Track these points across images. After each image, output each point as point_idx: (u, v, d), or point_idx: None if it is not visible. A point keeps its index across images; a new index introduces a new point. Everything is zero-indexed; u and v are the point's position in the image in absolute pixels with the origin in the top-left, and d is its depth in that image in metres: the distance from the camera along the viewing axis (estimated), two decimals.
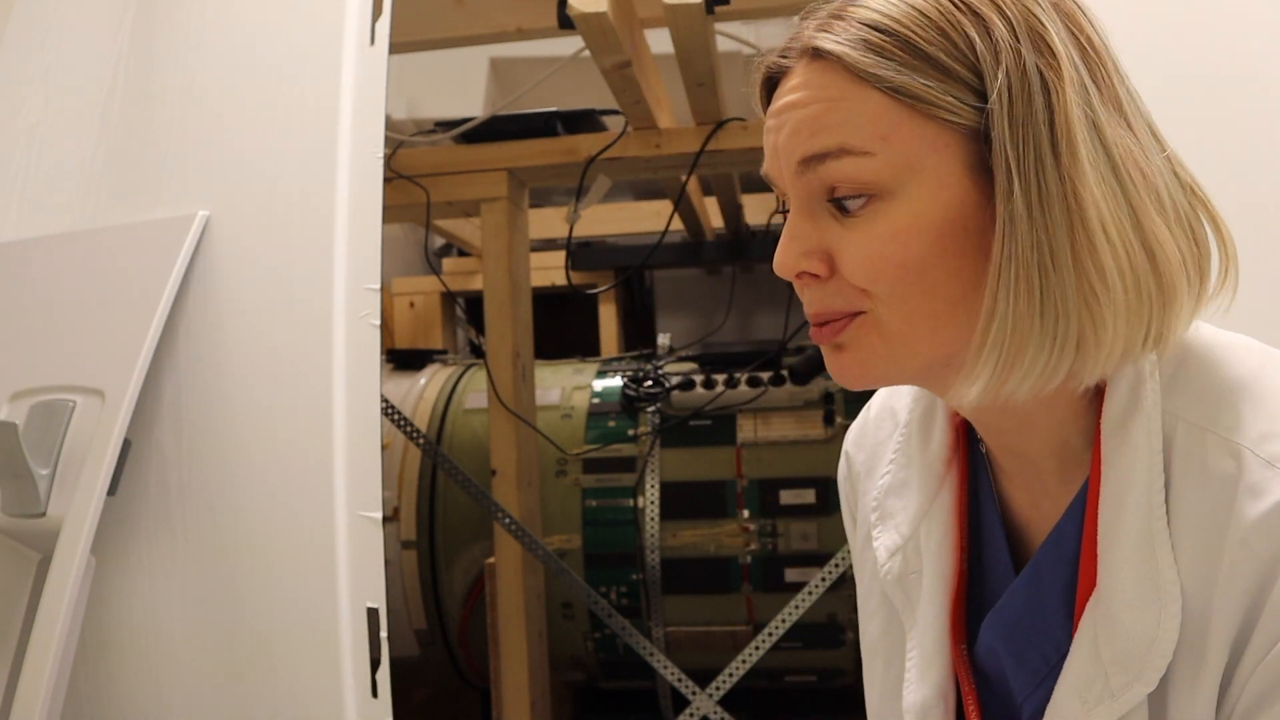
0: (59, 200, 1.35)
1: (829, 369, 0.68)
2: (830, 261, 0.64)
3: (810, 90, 0.63)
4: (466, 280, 3.26)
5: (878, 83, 0.61)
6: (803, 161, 0.63)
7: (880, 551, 0.80)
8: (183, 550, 1.20)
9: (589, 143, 2.03)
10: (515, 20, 1.90)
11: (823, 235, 0.64)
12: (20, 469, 1.14)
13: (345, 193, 1.21)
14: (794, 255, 0.64)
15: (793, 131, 0.64)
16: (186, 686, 1.19)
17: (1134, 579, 0.62)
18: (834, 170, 0.62)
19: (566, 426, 2.41)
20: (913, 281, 0.62)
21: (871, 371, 0.66)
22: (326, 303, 1.19)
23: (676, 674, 2.10)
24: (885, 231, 0.62)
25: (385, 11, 1.26)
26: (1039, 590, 0.70)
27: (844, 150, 0.62)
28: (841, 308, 0.64)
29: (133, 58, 1.37)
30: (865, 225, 0.62)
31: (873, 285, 0.62)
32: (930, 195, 0.61)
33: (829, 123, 0.62)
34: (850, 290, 0.63)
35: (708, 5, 1.58)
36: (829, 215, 0.64)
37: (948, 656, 0.76)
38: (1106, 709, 0.62)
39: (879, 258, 0.62)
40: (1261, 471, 0.58)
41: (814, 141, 0.63)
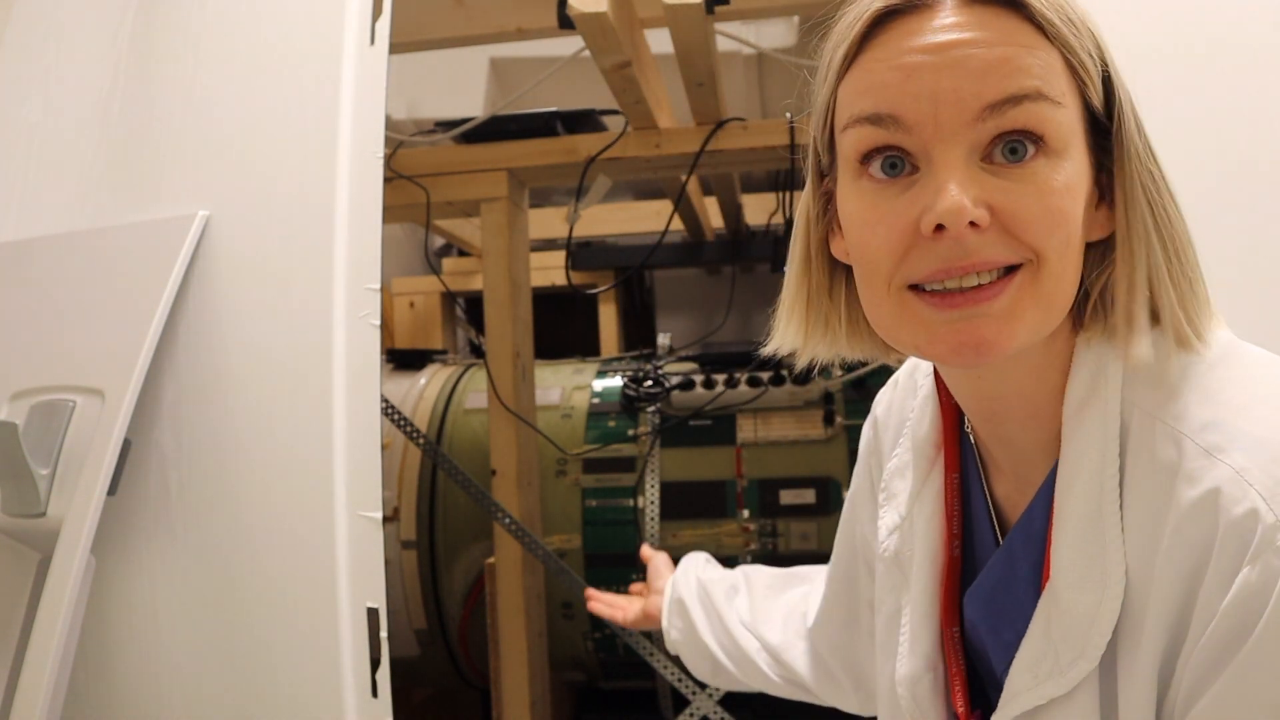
0: (59, 200, 1.35)
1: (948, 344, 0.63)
2: (991, 213, 0.61)
3: (989, 32, 0.61)
4: (466, 280, 3.26)
5: (1059, 41, 0.62)
6: (997, 103, 0.60)
7: (881, 530, 0.83)
8: (183, 550, 1.20)
9: (589, 143, 2.03)
10: (515, 20, 1.89)
11: (982, 187, 0.61)
12: (20, 469, 1.14)
13: (345, 193, 1.21)
14: (970, 199, 0.60)
15: (981, 71, 0.60)
16: (186, 686, 1.19)
17: (1081, 560, 0.64)
18: (1028, 114, 0.60)
19: (566, 426, 2.41)
20: (1072, 241, 0.62)
21: (1014, 340, 0.62)
22: (326, 303, 1.19)
23: (676, 674, 2.10)
24: (1060, 186, 0.61)
25: (385, 11, 1.26)
26: (1011, 568, 0.72)
27: (1042, 95, 0.60)
28: (1005, 258, 0.61)
29: (133, 58, 1.37)
30: (1039, 179, 0.61)
31: (1046, 239, 0.61)
32: (1079, 162, 0.63)
33: (1025, 65, 0.60)
34: (1014, 243, 0.61)
35: (708, 5, 1.58)
36: (979, 169, 0.61)
37: (936, 631, 0.78)
38: (1054, 684, 0.64)
39: (1058, 210, 0.61)
40: (1198, 459, 0.60)
41: (1013, 82, 0.60)
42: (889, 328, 0.67)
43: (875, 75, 0.63)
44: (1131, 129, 0.64)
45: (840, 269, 0.74)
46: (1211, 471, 0.59)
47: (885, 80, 0.62)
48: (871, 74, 0.63)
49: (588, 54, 1.74)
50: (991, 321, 0.61)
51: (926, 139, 0.61)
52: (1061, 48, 0.62)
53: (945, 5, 0.62)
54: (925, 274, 0.62)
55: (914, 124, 0.61)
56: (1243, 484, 0.57)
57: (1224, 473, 0.58)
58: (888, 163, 0.63)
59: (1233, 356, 0.65)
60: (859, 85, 0.64)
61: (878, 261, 0.64)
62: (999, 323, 0.61)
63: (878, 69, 0.63)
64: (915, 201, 0.62)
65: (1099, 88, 0.64)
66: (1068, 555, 0.64)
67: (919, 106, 0.61)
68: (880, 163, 0.63)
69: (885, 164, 0.63)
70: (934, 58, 0.60)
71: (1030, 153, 0.61)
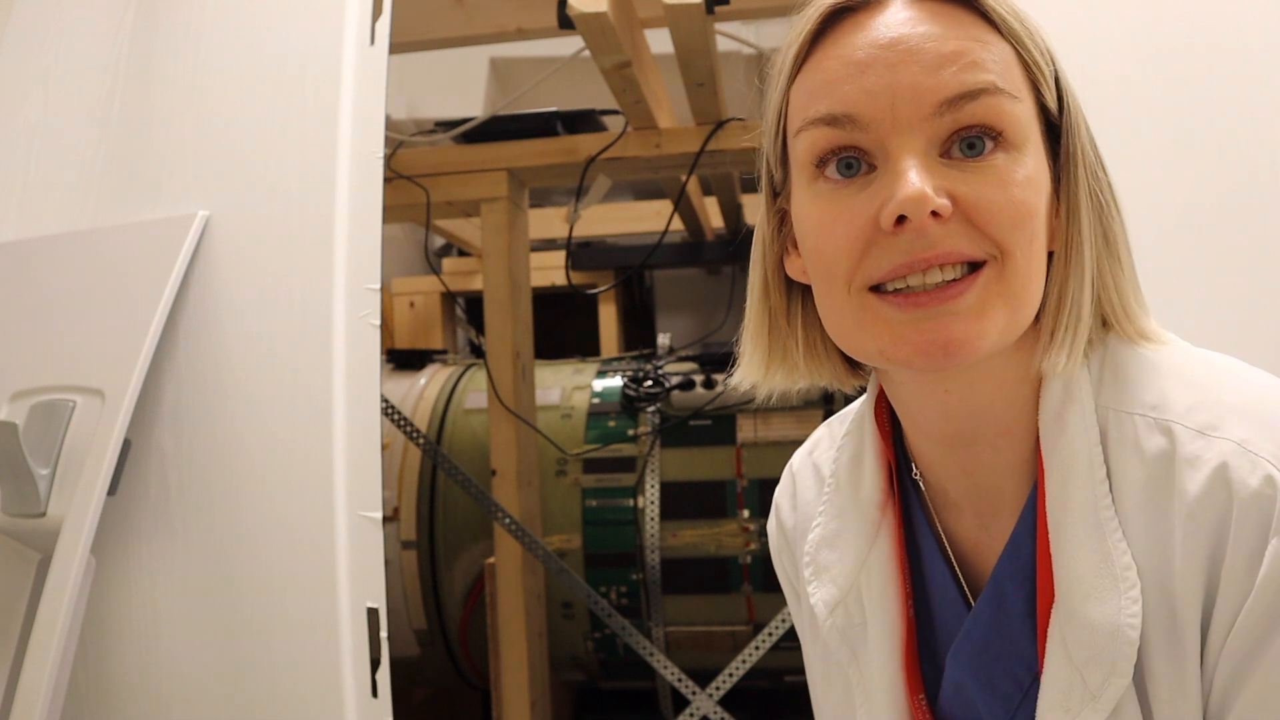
0: (59, 200, 1.35)
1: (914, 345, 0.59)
2: (953, 203, 0.58)
3: (943, 26, 0.59)
4: (466, 280, 3.26)
5: (1013, 37, 0.61)
6: (954, 97, 0.58)
7: (819, 607, 0.76)
8: (183, 550, 1.20)
9: (589, 143, 2.03)
10: (515, 20, 1.90)
11: (942, 177, 0.58)
12: (20, 469, 1.14)
13: (345, 193, 1.21)
14: (932, 189, 0.57)
15: (935, 65, 0.58)
16: (186, 686, 1.19)
17: (1089, 570, 0.61)
18: (985, 109, 0.58)
19: (566, 426, 2.41)
20: (1037, 237, 0.60)
21: (985, 340, 0.59)
22: (326, 303, 1.19)
23: (676, 674, 2.10)
24: (1022, 179, 0.59)
25: (385, 11, 1.26)
26: (1002, 609, 0.67)
27: (998, 89, 0.59)
28: (969, 251, 0.58)
29: (133, 58, 1.37)
30: (1000, 172, 0.59)
31: (1011, 232, 0.58)
32: (1040, 157, 0.61)
33: (980, 59, 0.59)
34: (978, 236, 0.59)
35: (708, 5, 1.58)
36: (937, 162, 0.59)
37: (903, 709, 0.72)
38: (1091, 711, 0.60)
39: (1022, 202, 0.59)
40: (1194, 442, 0.58)
41: (970, 75, 0.58)
42: (850, 334, 0.63)
43: (828, 73, 0.61)
44: (1081, 131, 0.63)
45: (797, 291, 0.71)
46: (1212, 449, 0.57)
47: (839, 77, 0.60)
48: (824, 72, 0.61)
49: (588, 54, 1.74)
50: (959, 320, 0.58)
51: (884, 135, 0.59)
52: (1015, 43, 0.61)
53: (896, 1, 0.61)
54: (887, 271, 0.59)
55: (870, 121, 0.59)
56: (1249, 455, 0.56)
57: (1226, 448, 0.57)
58: (844, 163, 0.60)
59: (1178, 347, 0.65)
60: (811, 86, 0.62)
61: (836, 263, 0.61)
62: (967, 321, 0.58)
63: (830, 66, 0.61)
64: (874, 197, 0.59)
65: (1052, 87, 0.63)
66: (1075, 570, 0.61)
67: (875, 102, 0.59)
68: (836, 164, 0.61)
69: (841, 164, 0.60)
70: (888, 52, 0.59)
71: (989, 147, 0.59)
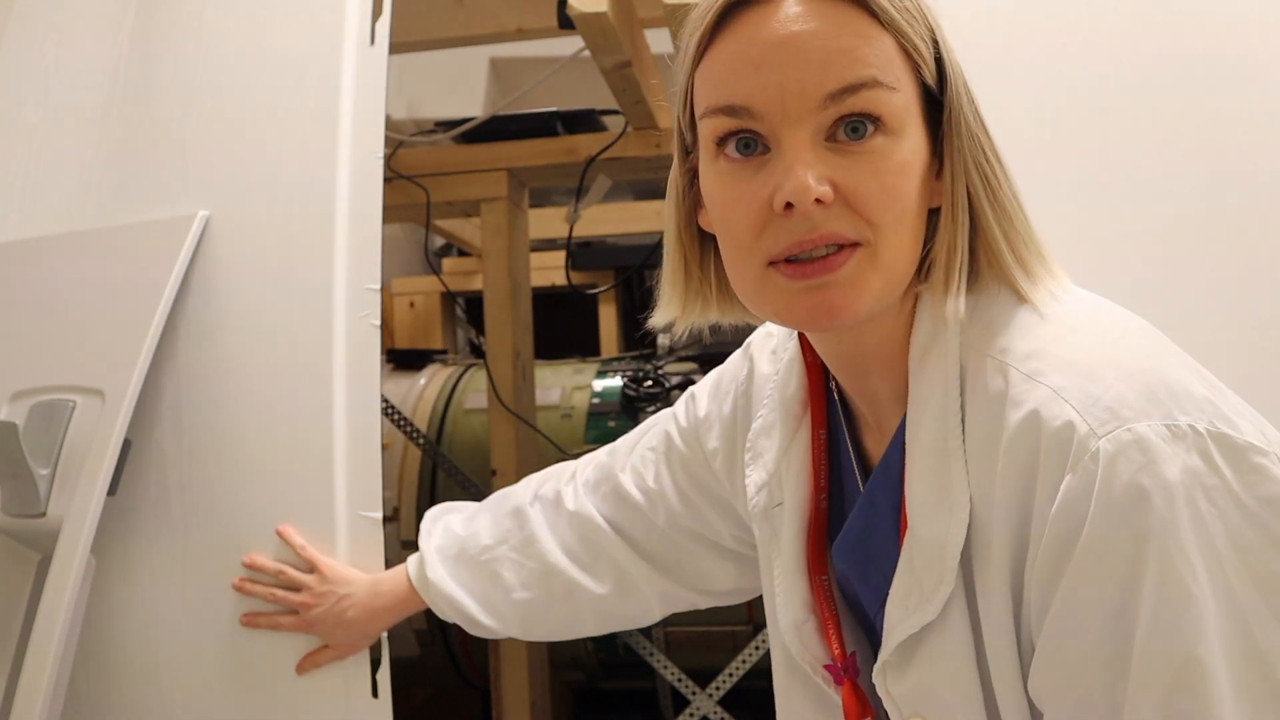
0: (59, 200, 1.35)
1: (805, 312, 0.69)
2: (834, 189, 0.66)
3: (825, 23, 0.66)
4: (466, 280, 3.26)
5: (893, 28, 0.67)
6: (837, 92, 0.66)
7: (750, 487, 0.89)
8: (183, 550, 1.20)
9: (589, 143, 2.03)
10: (515, 20, 1.89)
11: (826, 165, 0.66)
12: (20, 469, 1.14)
13: (345, 193, 1.21)
14: (815, 179, 0.65)
15: (822, 62, 0.66)
16: (186, 686, 1.19)
17: (931, 494, 0.70)
18: (865, 100, 0.66)
19: (566, 426, 2.41)
20: (907, 214, 0.68)
21: (861, 305, 0.68)
22: (326, 303, 1.19)
23: (676, 674, 2.10)
24: (896, 164, 0.67)
25: (385, 11, 1.26)
26: (874, 515, 0.78)
27: (877, 82, 0.66)
28: (848, 233, 0.67)
29: (133, 58, 1.37)
30: (876, 158, 0.67)
31: (882, 214, 0.67)
32: (916, 138, 0.69)
33: (862, 56, 0.66)
34: (855, 218, 0.67)
35: None
36: (824, 148, 0.67)
37: (807, 580, 0.83)
38: (923, 612, 0.70)
39: (893, 188, 0.67)
40: (1020, 384, 0.66)
41: (851, 72, 0.66)
42: (751, 298, 0.73)
43: (726, 67, 0.69)
44: (961, 104, 0.70)
45: (709, 240, 0.79)
46: (1033, 393, 0.64)
47: (736, 72, 0.68)
48: (723, 66, 0.69)
49: (588, 54, 1.74)
50: (838, 289, 0.67)
51: (775, 125, 0.67)
52: (896, 34, 0.67)
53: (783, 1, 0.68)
54: (780, 249, 0.68)
55: (763, 112, 0.67)
56: (1059, 400, 0.63)
57: (1043, 393, 0.64)
58: (742, 143, 0.68)
59: (1059, 299, 0.71)
60: (712, 77, 0.70)
61: (740, 237, 0.70)
62: (844, 290, 0.67)
63: (729, 61, 0.68)
64: (767, 182, 0.67)
65: (932, 68, 0.70)
66: (919, 490, 0.70)
67: (767, 96, 0.66)
68: (735, 143, 0.69)
69: (740, 144, 0.69)
70: (779, 51, 0.66)
71: (869, 130, 0.66)
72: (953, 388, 0.70)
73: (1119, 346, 0.66)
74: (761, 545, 0.90)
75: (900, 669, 0.74)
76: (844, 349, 0.77)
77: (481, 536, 1.13)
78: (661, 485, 1.06)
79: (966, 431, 0.69)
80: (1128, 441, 0.60)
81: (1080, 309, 0.71)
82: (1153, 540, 0.58)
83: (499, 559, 1.11)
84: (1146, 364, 0.64)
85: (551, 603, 1.10)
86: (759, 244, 0.69)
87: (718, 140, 0.70)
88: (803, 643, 0.83)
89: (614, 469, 1.11)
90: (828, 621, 0.82)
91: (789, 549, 0.84)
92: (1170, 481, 0.59)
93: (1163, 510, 0.58)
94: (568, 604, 1.09)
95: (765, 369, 0.94)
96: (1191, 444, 0.60)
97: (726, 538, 1.05)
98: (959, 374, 0.70)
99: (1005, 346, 0.68)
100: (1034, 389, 0.64)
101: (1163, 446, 0.60)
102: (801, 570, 0.84)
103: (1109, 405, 0.61)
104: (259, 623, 1.15)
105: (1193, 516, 0.59)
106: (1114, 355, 0.65)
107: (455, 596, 1.10)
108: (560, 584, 1.09)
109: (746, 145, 0.68)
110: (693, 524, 1.06)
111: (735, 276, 0.74)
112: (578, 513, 1.11)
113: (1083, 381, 0.63)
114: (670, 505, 1.06)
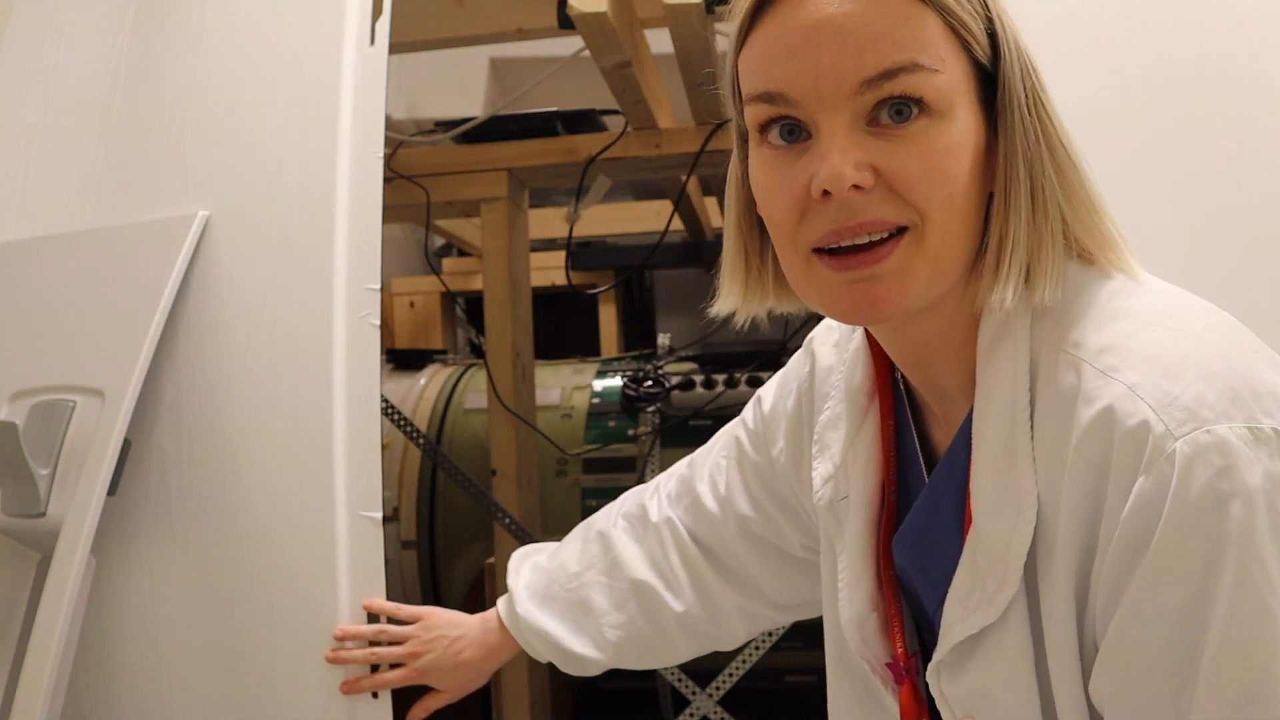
0: (59, 200, 1.35)
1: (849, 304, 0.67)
2: (875, 174, 0.64)
3: (862, 5, 0.64)
4: (466, 280, 3.26)
5: (938, 6, 0.65)
6: (873, 78, 0.63)
7: (816, 479, 0.87)
8: (183, 550, 1.20)
9: (589, 143, 2.03)
10: (515, 20, 1.89)
11: (866, 149, 0.64)
12: (20, 469, 1.14)
13: (345, 193, 1.21)
14: (851, 165, 0.63)
15: (858, 46, 0.63)
16: (186, 686, 1.19)
17: (997, 491, 0.67)
18: (904, 85, 0.63)
19: (566, 426, 2.41)
20: (957, 198, 0.65)
21: (909, 296, 0.66)
22: (326, 303, 1.19)
23: (676, 674, 2.10)
24: (942, 146, 0.64)
25: (385, 11, 1.26)
26: (936, 510, 0.75)
27: (917, 65, 0.63)
28: (891, 217, 0.64)
29: (133, 58, 1.36)
30: (921, 140, 0.64)
31: (928, 197, 0.64)
32: (966, 119, 0.66)
33: (900, 38, 0.63)
34: (899, 202, 0.64)
35: (708, 5, 1.58)
36: (865, 132, 0.64)
37: (874, 574, 0.81)
38: (984, 613, 0.68)
39: (939, 170, 0.64)
40: (1095, 380, 0.63)
41: (887, 56, 0.63)
42: (799, 286, 0.71)
43: (763, 53, 0.67)
44: (1015, 81, 0.67)
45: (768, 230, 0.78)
46: (1107, 390, 0.61)
47: (772, 57, 0.66)
48: (760, 52, 0.67)
49: (588, 54, 1.74)
50: (883, 282, 0.65)
51: (812, 111, 0.65)
52: (941, 11, 0.65)
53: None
54: (820, 236, 0.66)
55: (799, 99, 0.65)
56: (1134, 398, 0.60)
57: (1117, 389, 0.61)
58: (785, 129, 0.67)
59: (1133, 289, 0.68)
60: (750, 63, 0.68)
61: (781, 224, 0.68)
62: (889, 282, 0.65)
63: (766, 47, 0.67)
64: (806, 168, 0.65)
65: (985, 44, 0.67)
66: (984, 487, 0.68)
67: (802, 82, 0.65)
68: (778, 130, 0.67)
69: (783, 130, 0.67)
70: (815, 35, 0.64)
71: (914, 113, 0.64)
72: (1022, 382, 0.67)
73: (1200, 342, 0.63)
74: (825, 538, 0.88)
75: (956, 669, 0.72)
76: (903, 338, 0.75)
77: (569, 565, 1.11)
78: (732, 492, 1.04)
79: (1035, 428, 0.66)
80: (1206, 444, 0.57)
81: (1159, 301, 0.68)
82: (1230, 549, 0.56)
83: (588, 584, 1.09)
84: (1229, 362, 0.61)
85: (644, 621, 1.07)
86: (800, 230, 0.67)
87: (760, 127, 0.68)
88: (863, 639, 0.81)
89: (693, 480, 1.09)
90: (893, 619, 0.80)
91: (855, 542, 0.82)
92: (1251, 487, 0.56)
93: (1241, 517, 0.56)
94: (657, 621, 1.07)
95: (827, 361, 0.92)
96: (1276, 448, 0.57)
97: (796, 546, 1.02)
98: (1029, 368, 0.67)
99: (1079, 340, 0.65)
100: (1108, 385, 0.61)
101: (1244, 450, 0.57)
102: (868, 564, 0.82)
103: (1187, 405, 0.58)
104: (361, 686, 1.12)
105: (1273, 525, 0.56)
106: (1194, 352, 0.61)
107: (545, 630, 1.08)
108: (649, 601, 1.07)
109: (791, 132, 0.67)
110: (763, 530, 1.03)
111: (784, 262, 0.72)
112: (662, 524, 1.09)
113: (1160, 379, 0.60)
114: (741, 511, 1.03)
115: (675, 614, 1.06)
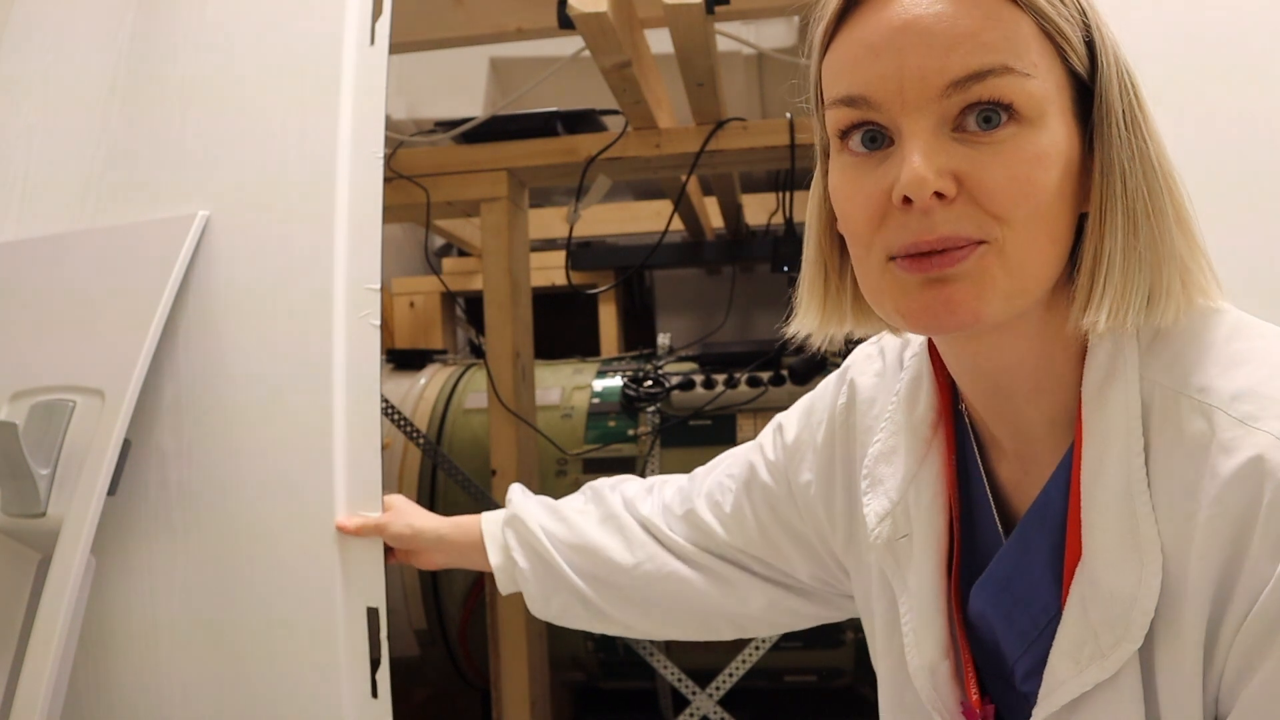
0: (59, 200, 1.35)
1: (922, 307, 0.63)
2: (958, 183, 0.61)
3: (952, 5, 0.61)
4: (466, 280, 3.26)
5: (1032, 9, 0.62)
6: (960, 80, 0.60)
7: (870, 517, 0.81)
8: (183, 550, 1.20)
9: (589, 143, 2.03)
10: (515, 20, 1.89)
11: (950, 156, 0.61)
12: (20, 469, 1.14)
13: (345, 193, 1.21)
14: (934, 171, 0.60)
15: (945, 47, 0.60)
16: (186, 686, 1.19)
17: (1115, 541, 0.63)
18: (993, 88, 0.60)
19: (566, 426, 2.41)
20: (1043, 211, 0.62)
21: (987, 305, 0.62)
22: (326, 303, 1.19)
23: (676, 674, 2.10)
24: (1030, 155, 0.61)
25: (385, 11, 1.26)
26: (1026, 555, 0.71)
27: (1007, 69, 0.61)
28: (971, 233, 0.61)
29: (133, 58, 1.36)
30: (1008, 148, 0.61)
31: (1012, 209, 0.61)
32: (1059, 129, 0.63)
33: (990, 40, 0.61)
34: (981, 215, 0.61)
35: (708, 5, 1.58)
36: (950, 139, 0.62)
37: (945, 618, 0.77)
38: (1097, 668, 0.64)
39: (1025, 180, 0.61)
40: (1233, 429, 0.59)
41: (976, 58, 0.60)
42: (874, 295, 0.68)
43: (847, 56, 0.65)
44: (1113, 95, 0.64)
45: None
46: (1250, 439, 0.58)
47: (856, 60, 0.64)
48: (844, 55, 0.65)
49: (588, 54, 1.74)
50: (959, 285, 0.62)
51: (895, 114, 0.62)
52: (1035, 14, 0.62)
53: None
54: (898, 246, 0.63)
55: (882, 102, 0.63)
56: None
57: (1264, 440, 0.58)
58: (867, 136, 0.64)
59: (1243, 328, 0.65)
60: (834, 66, 0.66)
61: (859, 232, 0.66)
62: (966, 285, 0.62)
63: (850, 49, 0.64)
64: (888, 174, 0.63)
65: (1082, 53, 0.64)
66: (1102, 538, 0.64)
67: (886, 85, 0.62)
68: (859, 137, 0.65)
69: (865, 137, 0.64)
70: (900, 36, 0.62)
71: (1003, 119, 0.61)
72: (1136, 427, 0.63)
73: None
74: (879, 579, 0.83)
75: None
76: (984, 365, 0.70)
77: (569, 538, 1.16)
78: (739, 515, 1.00)
79: (1152, 476, 0.63)
80: None
81: (1273, 341, 0.64)
82: None
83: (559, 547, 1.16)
84: None
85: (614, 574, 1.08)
86: (878, 237, 0.64)
87: (841, 133, 0.66)
88: (934, 687, 0.77)
89: (692, 494, 1.06)
90: (966, 664, 0.76)
91: (923, 586, 0.77)
92: None
93: None
94: None
95: (869, 393, 0.88)
96: None
97: (804, 576, 0.99)
98: (1139, 411, 0.64)
99: (1204, 385, 0.62)
100: (1250, 435, 0.58)
101: None
102: (940, 609, 0.77)
103: None
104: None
105: None
106: None
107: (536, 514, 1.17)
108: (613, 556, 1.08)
109: (873, 139, 0.64)
110: (765, 555, 1.00)
111: (861, 272, 0.69)
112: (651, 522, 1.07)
113: None
114: (748, 535, 1.00)
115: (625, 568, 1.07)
